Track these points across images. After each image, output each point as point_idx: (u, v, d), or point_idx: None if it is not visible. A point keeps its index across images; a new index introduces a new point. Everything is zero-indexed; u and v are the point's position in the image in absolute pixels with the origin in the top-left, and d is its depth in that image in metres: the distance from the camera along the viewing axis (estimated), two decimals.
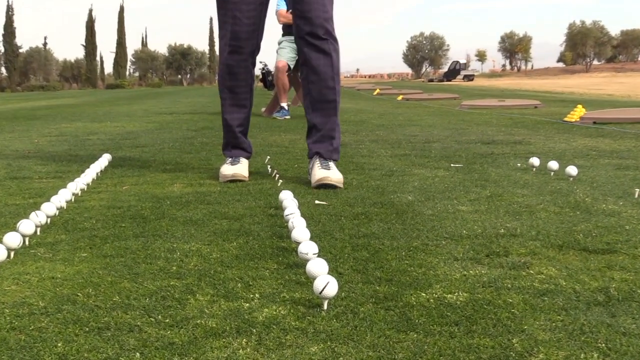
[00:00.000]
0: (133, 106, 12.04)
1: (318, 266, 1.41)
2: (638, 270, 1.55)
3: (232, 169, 2.90)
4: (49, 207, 2.08)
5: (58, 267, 1.61)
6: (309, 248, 1.57)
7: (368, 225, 2.02)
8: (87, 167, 3.03)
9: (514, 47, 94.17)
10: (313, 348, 1.12)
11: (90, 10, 74.67)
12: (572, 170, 2.88)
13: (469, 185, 2.76)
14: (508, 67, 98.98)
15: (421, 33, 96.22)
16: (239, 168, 2.92)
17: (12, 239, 1.69)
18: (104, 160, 3.32)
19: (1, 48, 66.89)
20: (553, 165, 3.02)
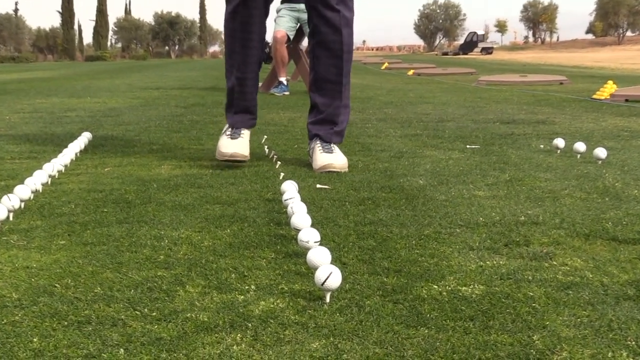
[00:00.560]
0: (115, 80, 12.02)
1: (320, 255, 1.42)
2: None
3: (232, 146, 2.82)
4: (23, 191, 2.08)
5: (33, 256, 1.62)
6: (310, 236, 1.58)
7: (375, 211, 2.03)
8: (65, 147, 3.03)
9: (538, 17, 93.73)
10: (314, 344, 1.13)
11: None
12: (601, 152, 2.88)
13: (487, 168, 2.77)
14: (531, 39, 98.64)
15: (434, 1, 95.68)
16: (240, 145, 2.85)
17: None
18: (84, 139, 3.32)
19: None
20: (580, 147, 3.02)
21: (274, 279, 1.45)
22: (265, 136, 3.69)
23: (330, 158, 2.74)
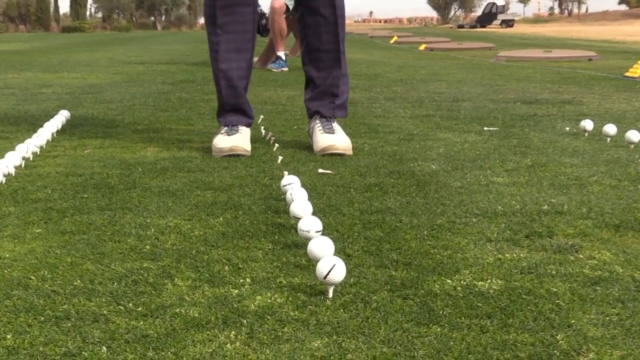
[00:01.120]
0: (95, 54, 12.01)
1: (322, 246, 1.42)
2: None
3: (230, 140, 2.71)
4: None
5: (6, 246, 1.63)
6: (311, 225, 1.58)
7: (383, 198, 2.03)
8: (40, 127, 3.03)
9: None
10: (315, 343, 1.13)
11: None
12: (634, 135, 2.88)
13: (506, 152, 2.77)
14: (556, 11, 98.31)
15: None
16: (239, 139, 2.74)
17: None
18: (61, 118, 3.32)
19: None
20: (610, 129, 3.02)
21: (272, 272, 1.45)
22: (261, 116, 3.69)
23: (332, 139, 2.72)
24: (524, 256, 1.55)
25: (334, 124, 2.82)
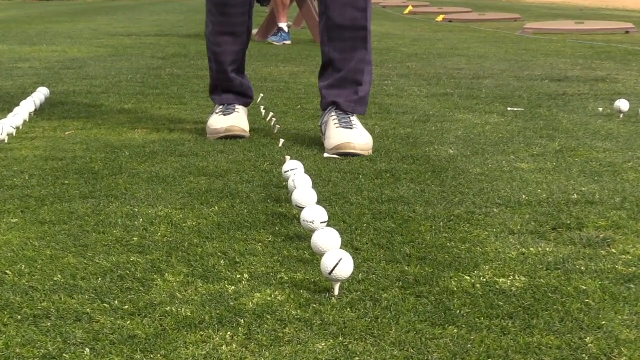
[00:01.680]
0: (78, 24, 11.99)
1: (327, 239, 1.43)
2: None
3: (226, 121, 2.69)
4: None
5: None
6: (316, 215, 1.58)
7: (395, 186, 2.03)
8: (17, 105, 3.03)
9: None
10: (320, 345, 1.14)
11: None
12: (624, 104, 2.88)
13: (532, 135, 2.76)
14: None
15: None
16: (236, 119, 2.71)
17: None
18: (40, 96, 3.33)
19: None
20: (623, 105, 3.02)
21: (272, 267, 1.46)
22: (261, 95, 3.69)
23: (349, 135, 2.49)
24: (551, 250, 1.55)
25: (353, 118, 2.61)
